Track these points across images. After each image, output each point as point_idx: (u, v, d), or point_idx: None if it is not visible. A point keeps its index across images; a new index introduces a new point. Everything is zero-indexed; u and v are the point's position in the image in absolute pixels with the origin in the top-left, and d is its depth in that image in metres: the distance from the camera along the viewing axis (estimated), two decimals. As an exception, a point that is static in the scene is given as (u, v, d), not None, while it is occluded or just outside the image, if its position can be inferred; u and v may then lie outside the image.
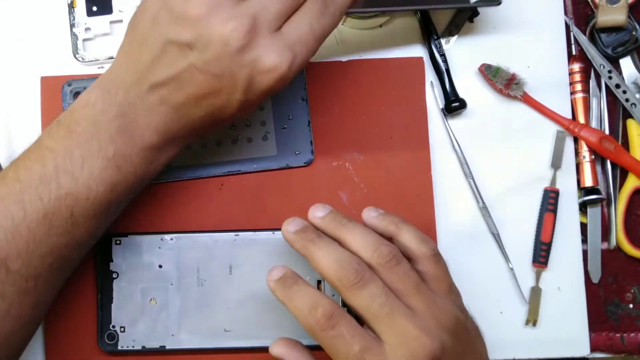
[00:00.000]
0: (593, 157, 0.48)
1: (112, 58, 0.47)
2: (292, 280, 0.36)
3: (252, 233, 0.44)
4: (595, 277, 0.47)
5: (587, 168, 0.48)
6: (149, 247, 0.44)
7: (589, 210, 0.48)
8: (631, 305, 0.48)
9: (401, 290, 0.35)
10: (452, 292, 0.38)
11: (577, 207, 0.48)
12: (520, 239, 0.47)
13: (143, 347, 0.42)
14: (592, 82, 0.48)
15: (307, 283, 0.36)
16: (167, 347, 0.43)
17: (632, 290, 0.48)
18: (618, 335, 0.47)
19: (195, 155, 0.45)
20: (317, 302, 0.35)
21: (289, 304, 0.36)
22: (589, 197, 0.47)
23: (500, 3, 0.45)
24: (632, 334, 0.47)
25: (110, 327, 0.43)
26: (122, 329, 0.43)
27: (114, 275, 0.43)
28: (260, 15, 0.33)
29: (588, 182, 0.47)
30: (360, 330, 0.35)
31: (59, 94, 0.45)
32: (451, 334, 0.35)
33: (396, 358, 0.33)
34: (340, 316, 0.34)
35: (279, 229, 0.43)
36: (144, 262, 0.43)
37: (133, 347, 0.42)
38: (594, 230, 0.48)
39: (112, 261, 0.43)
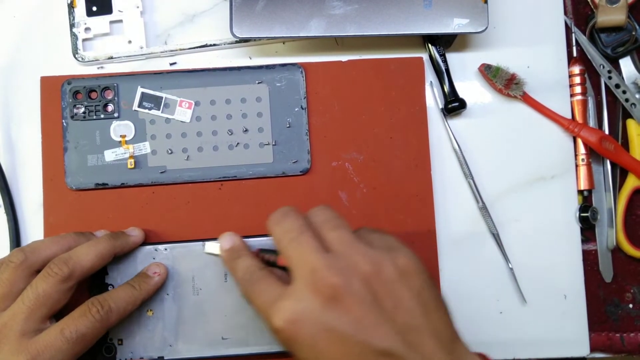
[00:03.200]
0: (591, 158, 0.48)
1: (111, 58, 0.47)
2: (237, 253, 0.40)
3: (245, 240, 0.44)
4: (608, 277, 0.47)
5: (585, 169, 0.48)
6: (143, 258, 0.43)
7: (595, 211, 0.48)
8: (631, 305, 0.48)
9: (319, 225, 0.36)
10: (393, 249, 0.36)
11: (577, 207, 0.48)
12: (520, 239, 0.47)
13: (141, 358, 0.42)
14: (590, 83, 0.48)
15: (249, 254, 0.40)
16: (165, 358, 0.42)
17: (631, 290, 0.48)
18: (618, 335, 0.47)
19: (192, 160, 0.45)
20: (248, 267, 0.39)
21: (234, 275, 0.40)
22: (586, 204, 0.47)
23: (485, 30, 0.44)
24: (632, 334, 0.47)
25: (108, 340, 0.42)
26: (120, 342, 0.43)
27: (109, 288, 0.43)
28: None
29: (588, 182, 0.48)
30: (267, 283, 0.36)
31: (59, 93, 0.45)
32: (364, 280, 0.34)
33: (296, 289, 0.34)
34: (255, 273, 0.38)
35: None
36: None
37: (131, 359, 0.42)
38: (602, 231, 0.48)
39: (107, 274, 0.43)
